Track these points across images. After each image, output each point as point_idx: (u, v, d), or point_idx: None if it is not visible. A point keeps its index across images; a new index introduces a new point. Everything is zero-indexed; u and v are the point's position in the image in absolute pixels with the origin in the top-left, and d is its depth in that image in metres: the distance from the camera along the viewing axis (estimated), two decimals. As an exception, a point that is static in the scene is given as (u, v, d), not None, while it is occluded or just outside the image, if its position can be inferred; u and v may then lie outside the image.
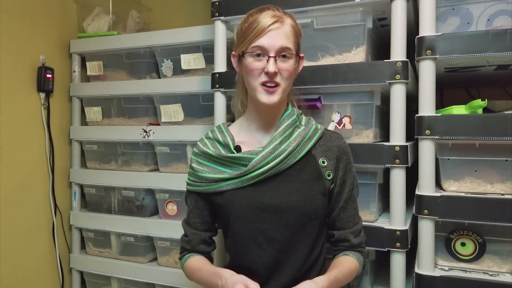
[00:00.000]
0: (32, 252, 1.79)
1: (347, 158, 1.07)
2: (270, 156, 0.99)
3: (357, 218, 1.08)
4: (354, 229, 1.06)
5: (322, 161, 1.04)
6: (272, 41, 0.96)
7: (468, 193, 1.12)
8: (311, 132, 1.05)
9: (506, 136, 1.04)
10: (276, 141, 1.01)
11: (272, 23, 0.96)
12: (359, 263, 1.04)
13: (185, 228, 1.12)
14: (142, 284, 1.78)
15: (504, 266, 1.11)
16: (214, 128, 1.12)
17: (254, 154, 1.00)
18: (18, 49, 1.72)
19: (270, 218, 0.99)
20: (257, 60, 0.98)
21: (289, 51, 0.98)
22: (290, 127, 1.04)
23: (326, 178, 1.03)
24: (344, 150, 1.07)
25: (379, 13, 1.29)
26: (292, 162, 1.01)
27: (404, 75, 1.15)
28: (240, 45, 1.01)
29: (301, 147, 1.02)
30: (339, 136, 1.10)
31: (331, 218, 1.07)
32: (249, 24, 0.99)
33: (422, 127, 1.12)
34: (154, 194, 1.79)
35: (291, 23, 1.00)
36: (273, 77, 0.97)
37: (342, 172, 1.05)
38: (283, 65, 0.98)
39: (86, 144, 1.94)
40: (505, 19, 1.15)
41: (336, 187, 1.05)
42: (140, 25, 2.06)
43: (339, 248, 1.07)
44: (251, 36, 0.97)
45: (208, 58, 1.66)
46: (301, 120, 1.09)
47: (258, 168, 0.99)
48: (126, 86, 1.82)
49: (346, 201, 1.05)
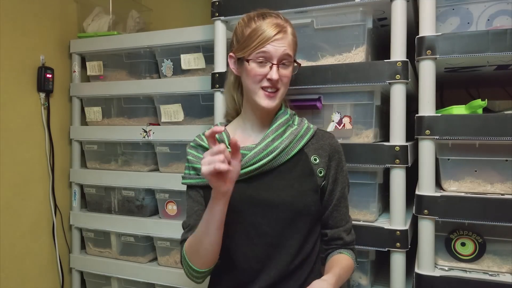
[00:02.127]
0: (32, 252, 1.79)
1: (339, 157, 1.09)
2: (263, 153, 1.02)
3: (348, 216, 1.11)
4: (346, 227, 1.09)
5: (314, 159, 1.06)
6: (276, 49, 1.01)
7: (468, 193, 1.12)
8: (303, 130, 1.08)
9: (506, 136, 1.04)
10: (269, 138, 1.04)
11: (277, 33, 1.01)
12: (353, 261, 1.07)
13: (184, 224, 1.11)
14: (142, 284, 1.79)
15: (504, 266, 1.11)
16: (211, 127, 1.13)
17: (248, 150, 1.03)
18: (18, 49, 1.72)
19: (262, 212, 1.01)
20: (260, 67, 1.02)
21: (289, 58, 1.03)
22: (283, 126, 1.07)
23: (318, 175, 1.05)
24: (336, 148, 1.09)
25: (379, 13, 1.29)
26: (284, 159, 1.04)
27: (404, 75, 1.15)
28: (243, 49, 1.04)
29: (293, 144, 1.05)
30: (331, 135, 1.12)
31: (324, 217, 1.08)
32: (252, 30, 1.02)
33: (422, 127, 1.12)
34: (154, 194, 1.79)
35: (291, 32, 1.05)
36: (276, 84, 1.02)
37: (334, 170, 1.07)
38: (284, 72, 1.03)
39: (86, 144, 1.94)
40: (505, 19, 1.15)
41: (328, 185, 1.07)
42: (140, 25, 2.06)
43: (332, 246, 1.09)
44: (256, 44, 1.01)
45: (208, 58, 1.66)
46: (294, 119, 1.12)
47: (251, 164, 1.02)
48: (126, 86, 1.82)
49: (338, 200, 1.07)
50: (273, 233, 1.00)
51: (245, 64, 1.03)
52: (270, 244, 1.01)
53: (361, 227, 1.21)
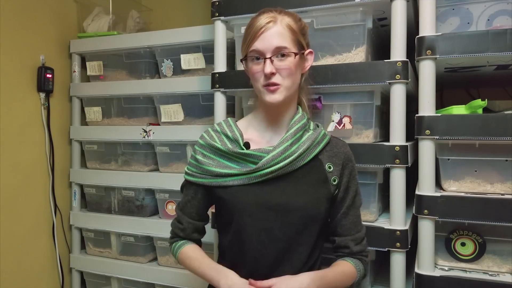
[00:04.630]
0: (32, 252, 1.79)
1: (352, 166, 1.08)
2: (281, 156, 1.00)
3: (359, 226, 1.08)
4: (356, 236, 1.06)
5: (328, 166, 1.05)
6: (265, 42, 0.98)
7: (468, 193, 1.12)
8: (320, 137, 1.07)
9: (506, 136, 1.04)
10: (288, 142, 1.02)
11: (264, 24, 0.98)
12: (356, 269, 1.04)
13: (179, 215, 1.12)
14: (142, 284, 1.79)
15: (504, 266, 1.11)
16: (221, 122, 1.12)
17: (265, 153, 1.01)
18: (18, 49, 1.72)
19: (275, 217, 0.99)
20: (256, 64, 1.00)
21: (285, 49, 0.99)
22: (301, 130, 1.05)
23: (332, 183, 1.04)
24: (349, 157, 1.09)
25: (379, 13, 1.29)
26: (300, 164, 1.02)
27: (404, 75, 1.15)
28: (242, 50, 1.04)
29: (310, 150, 1.04)
30: (344, 143, 1.11)
31: (333, 224, 1.07)
32: (247, 28, 1.02)
33: (422, 127, 1.11)
34: (154, 194, 1.79)
35: (286, 22, 1.00)
36: (271, 77, 0.99)
37: (347, 178, 1.07)
38: (281, 64, 0.99)
39: (86, 144, 1.94)
40: (505, 19, 1.15)
41: (339, 193, 1.06)
42: (140, 25, 2.06)
43: (339, 254, 1.08)
44: (248, 41, 1.00)
45: (208, 58, 1.66)
46: (310, 124, 1.10)
47: (268, 167, 1.00)
48: (126, 86, 1.82)
49: (348, 208, 1.06)
50: (285, 238, 0.99)
51: (246, 64, 1.03)
52: (281, 250, 0.99)
53: (361, 227, 1.21)
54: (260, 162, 1.00)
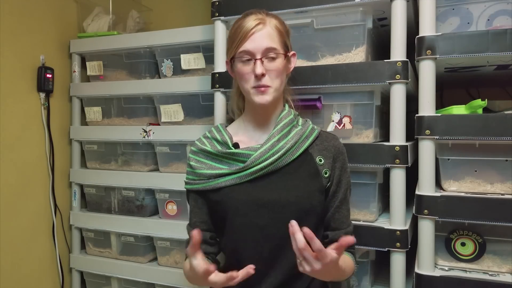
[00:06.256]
0: (32, 252, 1.79)
1: (343, 159, 1.09)
2: (269, 153, 1.01)
3: (349, 220, 1.09)
4: (347, 230, 1.07)
5: (319, 159, 1.05)
6: (256, 43, 0.99)
7: (468, 193, 1.12)
8: (308, 131, 1.08)
9: (506, 136, 1.04)
10: (274, 138, 1.03)
11: (254, 26, 0.99)
12: (353, 262, 1.06)
13: (188, 229, 1.12)
14: (142, 284, 1.79)
15: (504, 266, 1.11)
16: (212, 129, 1.14)
17: (253, 151, 1.02)
18: (18, 49, 1.72)
19: (268, 214, 1.00)
20: (245, 65, 1.01)
21: (274, 51, 1.00)
22: (288, 126, 1.06)
23: (323, 175, 1.05)
24: (340, 150, 1.09)
25: (379, 13, 1.29)
26: (289, 159, 1.03)
27: (404, 75, 1.15)
28: (229, 51, 1.04)
29: (298, 145, 1.04)
30: (335, 136, 1.12)
31: (326, 219, 1.08)
32: (234, 30, 1.03)
33: (422, 127, 1.12)
34: (154, 194, 1.79)
35: (274, 24, 1.02)
36: (261, 78, 1.00)
37: (339, 171, 1.07)
38: (270, 65, 1.00)
39: (86, 144, 1.94)
40: (505, 19, 1.15)
41: (332, 186, 1.06)
42: (140, 25, 2.06)
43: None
44: (237, 42, 1.01)
45: (208, 58, 1.66)
46: (298, 120, 1.11)
47: (257, 164, 1.00)
48: (126, 86, 1.82)
49: (341, 201, 1.07)
50: (279, 234, 0.99)
51: (234, 65, 1.03)
52: (277, 246, 0.99)
53: (361, 227, 1.21)
54: (248, 160, 1.01)
